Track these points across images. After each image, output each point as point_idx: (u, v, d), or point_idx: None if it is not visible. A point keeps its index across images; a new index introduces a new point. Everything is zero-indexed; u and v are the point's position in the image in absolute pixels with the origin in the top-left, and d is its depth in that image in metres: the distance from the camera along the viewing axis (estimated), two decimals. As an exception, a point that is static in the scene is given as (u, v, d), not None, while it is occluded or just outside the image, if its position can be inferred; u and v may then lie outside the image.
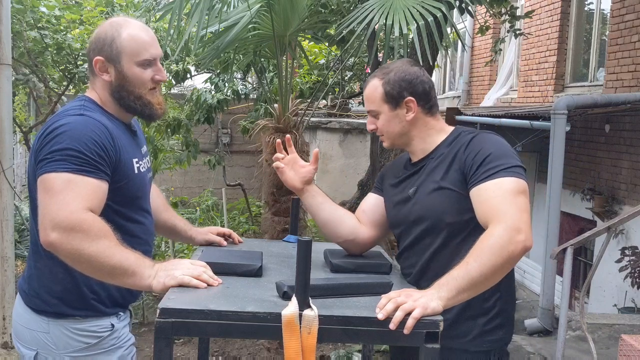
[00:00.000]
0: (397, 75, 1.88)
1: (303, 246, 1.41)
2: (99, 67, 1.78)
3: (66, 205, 1.57)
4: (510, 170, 1.71)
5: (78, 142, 1.63)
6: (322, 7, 4.50)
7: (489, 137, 1.84)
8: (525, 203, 1.68)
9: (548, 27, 7.74)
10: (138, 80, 1.79)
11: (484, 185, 1.70)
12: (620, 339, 3.34)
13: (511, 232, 1.58)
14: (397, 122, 1.89)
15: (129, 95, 1.79)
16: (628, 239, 5.80)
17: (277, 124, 4.29)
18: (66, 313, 1.75)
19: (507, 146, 1.81)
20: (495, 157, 1.74)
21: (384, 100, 1.88)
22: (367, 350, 2.49)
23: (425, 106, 1.90)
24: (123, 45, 1.76)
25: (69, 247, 1.58)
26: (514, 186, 1.68)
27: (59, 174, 1.60)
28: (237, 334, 1.43)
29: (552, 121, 4.80)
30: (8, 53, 3.89)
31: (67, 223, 1.56)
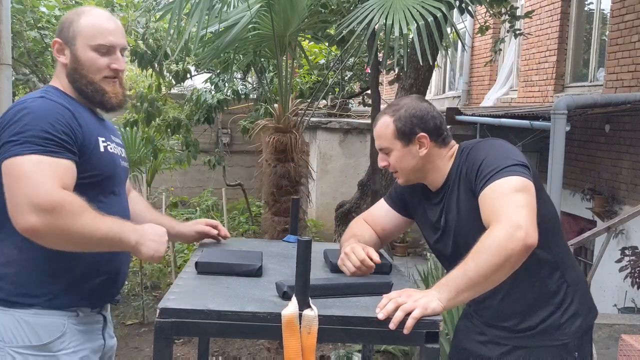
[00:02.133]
0: (408, 112, 1.88)
1: (303, 246, 1.41)
2: (56, 49, 1.79)
3: (42, 186, 1.53)
4: (504, 170, 1.70)
5: (42, 123, 1.61)
6: (322, 7, 4.50)
7: (481, 145, 1.86)
8: (523, 199, 1.65)
9: (548, 27, 7.73)
10: (92, 65, 1.76)
11: (482, 193, 1.71)
12: (620, 339, 3.34)
13: (509, 230, 1.57)
14: (410, 158, 1.89)
15: (82, 79, 1.77)
16: (628, 239, 5.80)
17: (277, 124, 4.29)
18: (18, 301, 1.65)
19: (501, 147, 1.81)
20: (488, 163, 1.75)
21: (396, 137, 1.87)
22: (367, 350, 2.49)
23: (437, 140, 1.90)
24: (79, 29, 1.76)
25: (55, 228, 1.54)
26: (508, 185, 1.68)
27: (27, 156, 1.56)
28: (237, 334, 1.43)
29: (552, 121, 4.79)
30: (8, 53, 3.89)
31: (47, 204, 1.52)
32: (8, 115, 1.65)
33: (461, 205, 1.85)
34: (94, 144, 1.74)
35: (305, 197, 4.62)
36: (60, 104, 1.70)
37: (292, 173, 4.25)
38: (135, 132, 6.12)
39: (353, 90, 9.54)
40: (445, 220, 1.89)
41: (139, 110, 5.89)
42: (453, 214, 1.87)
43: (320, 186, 7.90)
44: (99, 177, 1.75)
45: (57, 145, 1.61)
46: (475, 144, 1.90)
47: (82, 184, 1.68)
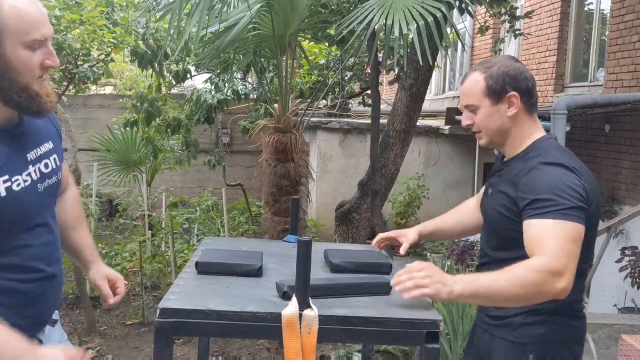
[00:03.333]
0: (501, 70, 1.85)
1: (303, 246, 1.41)
2: None
3: None
4: (566, 211, 1.66)
5: None
6: (322, 7, 4.50)
7: (551, 167, 1.76)
8: (575, 250, 1.65)
9: (548, 27, 7.74)
10: (25, 67, 1.43)
11: (537, 221, 1.68)
12: (620, 339, 3.34)
13: (550, 276, 1.58)
14: (497, 118, 1.85)
15: (12, 85, 1.43)
16: (628, 239, 5.80)
17: (277, 124, 4.29)
18: None
19: (570, 180, 1.72)
20: (550, 190, 1.69)
21: (486, 94, 1.84)
22: (367, 350, 2.49)
23: (527, 103, 1.86)
24: (5, 23, 1.39)
25: None
26: (566, 231, 1.64)
27: None
28: (237, 334, 1.43)
29: (552, 121, 4.80)
30: (8, 53, 3.88)
31: None
32: None
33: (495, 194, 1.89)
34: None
35: (305, 197, 4.62)
36: None
37: (292, 173, 4.25)
38: (135, 132, 6.12)
39: (353, 90, 9.54)
40: (490, 190, 1.94)
41: (139, 110, 5.89)
42: (495, 193, 1.90)
43: (320, 186, 7.90)
44: (5, 223, 1.48)
45: None
46: (551, 150, 1.82)
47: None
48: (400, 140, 4.84)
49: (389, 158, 4.84)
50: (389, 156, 4.84)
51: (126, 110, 6.50)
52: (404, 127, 4.81)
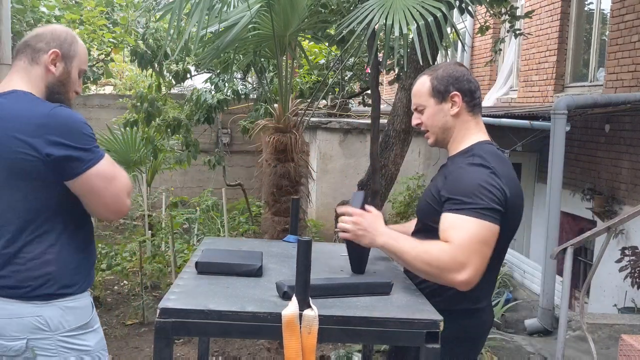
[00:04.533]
0: (445, 72, 1.98)
1: (303, 246, 1.41)
2: (51, 59, 1.91)
3: (124, 174, 1.90)
4: (483, 211, 1.75)
5: (88, 129, 1.84)
6: (322, 7, 4.50)
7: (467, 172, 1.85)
8: (483, 249, 1.74)
9: (548, 27, 7.74)
10: (73, 85, 1.97)
11: (453, 215, 1.78)
12: (620, 339, 3.34)
13: (455, 266, 1.69)
14: (441, 116, 1.98)
15: (64, 94, 1.94)
16: (628, 239, 5.80)
17: (277, 124, 4.29)
18: (59, 292, 1.83)
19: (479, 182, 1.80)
20: (470, 190, 1.78)
21: (431, 94, 1.98)
22: (367, 350, 2.49)
23: (469, 103, 1.98)
24: (78, 51, 1.97)
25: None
26: (480, 231, 1.74)
27: (105, 158, 1.85)
28: (237, 334, 1.43)
29: (552, 121, 4.80)
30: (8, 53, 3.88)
31: (130, 186, 1.93)
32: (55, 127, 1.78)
33: (429, 187, 2.00)
34: None
35: (305, 197, 4.62)
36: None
37: (292, 173, 4.25)
38: (135, 132, 6.12)
39: (353, 90, 9.54)
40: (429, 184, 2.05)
41: (139, 110, 5.89)
42: (429, 185, 2.02)
43: (320, 186, 7.90)
44: None
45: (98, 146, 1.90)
46: (483, 153, 1.89)
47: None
48: (400, 140, 4.83)
49: (389, 158, 4.84)
50: (389, 156, 4.83)
51: (126, 110, 6.50)
52: (404, 127, 4.80)
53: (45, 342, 1.80)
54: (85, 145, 1.80)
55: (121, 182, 1.87)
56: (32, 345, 1.79)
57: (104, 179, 1.82)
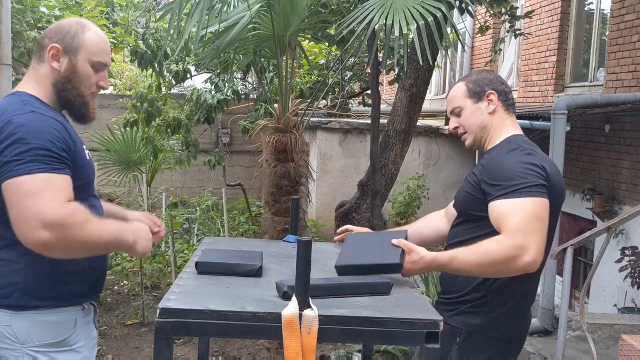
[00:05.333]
0: (479, 75, 2.08)
1: (303, 246, 1.41)
2: (52, 54, 1.79)
3: (52, 202, 1.60)
4: (527, 190, 1.79)
5: (43, 140, 1.65)
6: (322, 7, 4.50)
7: (508, 158, 1.91)
8: (539, 224, 1.76)
9: (548, 27, 7.73)
10: (86, 79, 1.82)
11: (502, 202, 1.81)
12: (620, 339, 3.33)
13: (516, 251, 1.70)
14: (479, 115, 2.03)
15: (73, 90, 1.81)
16: (628, 239, 5.80)
17: (277, 124, 4.29)
18: (29, 304, 1.71)
19: (519, 165, 1.86)
20: (512, 174, 1.83)
21: (467, 95, 2.05)
22: (367, 350, 2.49)
23: (505, 102, 2.04)
24: (84, 42, 1.81)
25: (66, 240, 1.61)
26: (530, 206, 1.77)
27: (35, 175, 1.61)
28: (237, 334, 1.43)
29: (552, 121, 4.80)
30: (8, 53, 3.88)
31: (57, 219, 1.59)
32: (4, 133, 1.65)
33: (467, 178, 2.02)
34: (81, 153, 1.80)
35: (305, 197, 4.62)
36: (52, 117, 1.74)
37: (292, 173, 4.25)
38: (135, 132, 6.12)
39: (353, 90, 9.54)
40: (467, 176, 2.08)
41: (139, 110, 5.89)
42: (467, 176, 2.05)
43: (320, 186, 7.90)
44: (85, 183, 1.82)
45: (59, 162, 1.67)
46: (520, 142, 1.97)
47: (77, 187, 1.74)
48: (400, 140, 4.84)
49: (389, 158, 4.84)
50: (389, 156, 4.83)
51: (126, 110, 6.49)
52: (404, 127, 4.81)
53: (12, 354, 1.69)
54: (19, 155, 1.61)
55: (38, 204, 1.58)
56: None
57: (22, 192, 1.60)
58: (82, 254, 1.72)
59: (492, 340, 1.94)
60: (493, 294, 1.93)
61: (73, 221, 1.61)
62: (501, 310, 1.94)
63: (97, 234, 1.67)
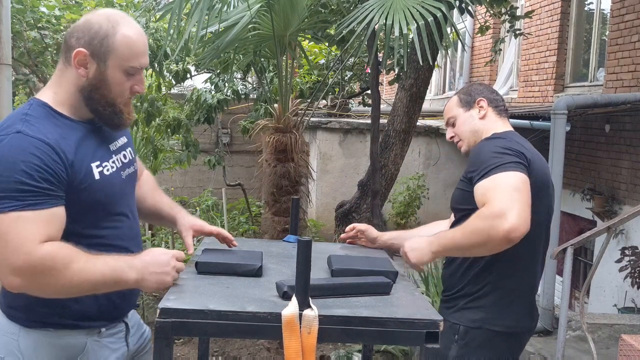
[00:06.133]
0: (471, 87, 2.19)
1: (303, 246, 1.41)
2: (78, 60, 1.57)
3: (20, 248, 1.43)
4: (504, 165, 1.84)
5: (16, 173, 1.44)
6: (322, 7, 4.50)
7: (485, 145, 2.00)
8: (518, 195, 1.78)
9: (548, 27, 7.73)
10: (117, 88, 1.61)
11: (481, 182, 1.86)
12: (620, 339, 3.33)
13: (494, 219, 1.74)
14: (470, 121, 2.12)
15: (101, 99, 1.61)
16: (628, 239, 5.80)
17: (277, 124, 4.29)
18: (35, 325, 1.61)
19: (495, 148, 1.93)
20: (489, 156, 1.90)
21: (459, 105, 2.15)
22: (367, 350, 2.49)
23: (495, 108, 2.13)
24: (115, 46, 1.58)
25: (39, 287, 1.49)
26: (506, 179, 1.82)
27: (3, 214, 1.43)
28: (237, 334, 1.43)
29: (552, 121, 4.79)
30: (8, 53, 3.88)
31: (27, 267, 1.44)
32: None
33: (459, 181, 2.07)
34: (85, 174, 1.59)
35: (305, 197, 4.62)
36: (39, 138, 1.50)
37: (292, 173, 4.25)
38: (135, 132, 6.12)
39: (353, 90, 9.54)
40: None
41: (139, 110, 5.89)
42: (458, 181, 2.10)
43: (320, 186, 7.90)
44: (94, 206, 1.62)
45: (36, 195, 1.47)
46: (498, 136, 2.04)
47: (81, 210, 1.59)
48: (400, 140, 4.84)
49: (389, 158, 4.84)
50: (389, 156, 4.84)
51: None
52: (404, 127, 4.81)
53: None
54: None
55: (4, 249, 1.43)
56: None
57: None
58: (64, 296, 1.55)
59: (491, 334, 1.96)
60: (490, 287, 1.96)
61: (45, 267, 1.45)
62: (500, 303, 1.96)
63: (80, 277, 1.48)
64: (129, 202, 1.79)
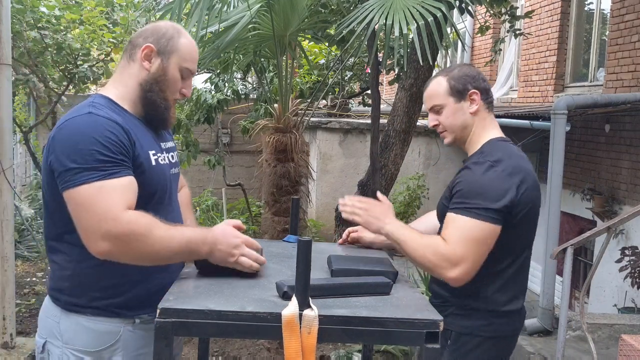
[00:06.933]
0: (461, 72, 2.00)
1: (303, 246, 1.41)
2: (145, 54, 1.76)
3: (107, 214, 1.55)
4: (480, 212, 1.81)
5: (95, 145, 1.59)
6: (322, 7, 4.50)
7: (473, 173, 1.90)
8: (478, 248, 1.81)
9: (548, 27, 7.74)
10: (173, 83, 1.80)
11: (455, 215, 1.86)
12: (620, 339, 3.34)
13: (445, 262, 1.79)
14: (461, 115, 1.98)
15: (160, 92, 1.78)
16: (628, 239, 5.80)
17: (277, 124, 4.29)
18: (74, 308, 1.71)
19: (487, 185, 1.85)
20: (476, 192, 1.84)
21: (449, 93, 1.98)
22: (367, 350, 2.49)
23: (486, 101, 2.00)
24: (178, 47, 1.80)
25: (125, 252, 1.59)
26: (476, 231, 1.81)
27: (89, 185, 1.57)
28: (237, 334, 1.43)
29: (552, 121, 4.79)
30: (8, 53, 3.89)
31: (116, 232, 1.55)
32: (59, 138, 1.62)
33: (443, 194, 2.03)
34: (144, 158, 1.72)
35: (305, 197, 4.62)
36: (109, 118, 1.66)
37: (292, 173, 4.25)
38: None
39: (353, 90, 9.54)
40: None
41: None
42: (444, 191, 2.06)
43: (320, 186, 7.90)
44: (149, 191, 1.72)
45: (115, 165, 1.61)
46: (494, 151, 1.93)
47: (138, 194, 1.67)
48: (400, 140, 4.83)
49: (389, 158, 4.84)
50: (389, 156, 4.83)
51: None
52: (404, 127, 4.80)
53: (56, 351, 1.72)
54: (71, 163, 1.58)
55: (94, 216, 1.56)
56: (48, 347, 1.74)
57: (78, 204, 1.58)
58: (149, 263, 1.67)
59: (481, 339, 1.95)
60: (478, 299, 1.94)
61: (133, 232, 1.56)
62: (489, 310, 1.95)
63: (162, 244, 1.60)
64: (175, 198, 1.92)
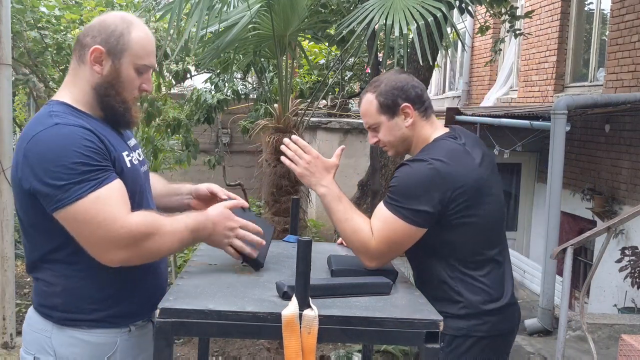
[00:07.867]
0: (388, 85, 1.95)
1: (303, 246, 1.41)
2: (94, 57, 1.63)
3: (114, 223, 1.52)
4: (399, 209, 1.82)
5: (78, 157, 1.52)
6: (322, 7, 4.51)
7: (408, 171, 1.88)
8: (395, 246, 1.84)
9: (548, 27, 7.74)
10: (129, 84, 1.68)
11: (382, 206, 1.88)
12: (620, 339, 3.33)
13: (367, 252, 1.82)
14: (397, 130, 1.97)
15: (116, 95, 1.67)
16: (628, 239, 5.80)
17: (277, 124, 4.29)
18: (69, 322, 1.65)
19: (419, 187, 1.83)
20: (404, 187, 1.85)
21: (381, 111, 1.95)
22: (367, 350, 2.49)
23: (420, 109, 1.97)
24: (130, 44, 1.65)
25: (142, 254, 1.60)
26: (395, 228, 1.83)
27: (84, 198, 1.51)
28: (237, 334, 1.43)
29: (552, 121, 4.79)
30: (8, 53, 3.89)
31: (129, 238, 1.54)
32: (33, 157, 1.53)
33: None
34: (122, 161, 1.67)
35: (305, 197, 4.62)
36: (80, 125, 1.57)
37: (292, 173, 4.24)
38: (135, 132, 6.11)
39: (353, 90, 9.54)
40: None
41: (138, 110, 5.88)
42: None
43: (320, 186, 7.89)
44: (129, 194, 1.65)
45: (101, 171, 1.55)
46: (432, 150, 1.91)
47: None
48: (400, 140, 4.83)
49: (389, 158, 4.83)
50: (389, 156, 4.83)
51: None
52: (404, 127, 4.80)
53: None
54: (57, 181, 1.49)
55: (100, 229, 1.51)
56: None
57: (79, 221, 1.52)
58: (160, 258, 1.72)
59: (476, 340, 1.94)
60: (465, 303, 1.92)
61: (143, 235, 1.56)
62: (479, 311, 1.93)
63: (173, 238, 1.63)
64: (151, 197, 1.86)
